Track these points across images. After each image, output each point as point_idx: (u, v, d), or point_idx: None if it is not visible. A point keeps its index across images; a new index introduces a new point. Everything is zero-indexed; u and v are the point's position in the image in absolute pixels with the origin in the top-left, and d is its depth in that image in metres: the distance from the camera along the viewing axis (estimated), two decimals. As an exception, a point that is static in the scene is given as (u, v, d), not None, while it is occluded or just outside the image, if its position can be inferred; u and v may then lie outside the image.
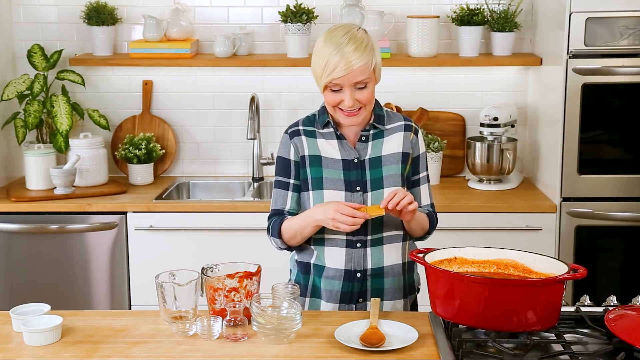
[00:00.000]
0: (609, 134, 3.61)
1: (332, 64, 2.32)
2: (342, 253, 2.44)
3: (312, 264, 2.49)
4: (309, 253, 2.50)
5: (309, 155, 2.46)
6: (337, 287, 2.46)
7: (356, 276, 2.44)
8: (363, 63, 2.33)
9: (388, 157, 2.46)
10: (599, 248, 3.70)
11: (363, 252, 2.43)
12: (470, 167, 3.95)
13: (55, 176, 3.75)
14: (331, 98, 2.39)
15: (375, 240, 2.44)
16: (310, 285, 2.51)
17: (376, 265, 2.44)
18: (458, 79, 4.12)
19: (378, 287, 2.46)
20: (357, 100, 2.37)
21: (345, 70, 2.32)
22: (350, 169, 2.44)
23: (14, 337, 2.21)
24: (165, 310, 2.26)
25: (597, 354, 2.01)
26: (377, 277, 2.45)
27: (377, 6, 4.03)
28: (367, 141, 2.47)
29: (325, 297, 2.48)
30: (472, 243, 2.46)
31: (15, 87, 3.88)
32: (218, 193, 4.12)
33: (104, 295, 3.73)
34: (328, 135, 2.48)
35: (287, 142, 2.50)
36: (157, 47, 3.98)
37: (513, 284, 2.08)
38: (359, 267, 2.44)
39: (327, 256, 2.46)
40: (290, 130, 2.52)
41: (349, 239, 2.43)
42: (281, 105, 4.14)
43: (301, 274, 2.53)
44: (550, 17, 3.74)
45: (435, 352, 2.08)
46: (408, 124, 2.52)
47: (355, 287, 2.45)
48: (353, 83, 2.34)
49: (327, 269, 2.46)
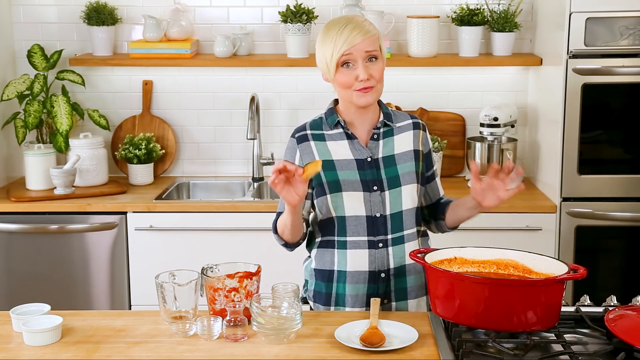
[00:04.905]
0: (609, 134, 3.61)
1: (341, 39, 2.33)
2: (364, 255, 2.42)
3: (335, 271, 2.46)
4: (329, 260, 2.47)
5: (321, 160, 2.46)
6: (362, 290, 2.44)
7: (380, 277, 2.43)
8: (370, 32, 2.35)
9: (401, 155, 2.46)
10: (599, 248, 3.70)
11: (385, 252, 2.42)
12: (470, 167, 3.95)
13: (55, 176, 3.76)
14: (345, 78, 2.36)
15: (396, 239, 2.43)
16: (334, 293, 2.47)
17: (398, 264, 2.43)
18: (458, 79, 4.12)
19: (401, 286, 2.45)
20: (371, 76, 2.36)
21: (355, 38, 2.32)
22: (364, 169, 2.43)
23: (14, 337, 2.21)
24: (165, 310, 2.26)
25: (597, 354, 2.01)
26: (400, 276, 2.44)
27: (377, 6, 4.03)
28: (378, 139, 2.46)
29: (350, 302, 2.45)
30: (472, 243, 2.45)
31: (15, 87, 3.88)
32: (218, 193, 4.12)
33: (104, 295, 3.73)
34: (337, 136, 2.46)
35: (294, 147, 2.48)
36: (157, 47, 3.98)
37: (513, 284, 2.08)
38: (383, 267, 2.43)
39: (349, 259, 2.43)
40: (297, 134, 2.49)
41: (370, 239, 2.42)
42: (281, 105, 4.14)
43: (322, 283, 2.49)
44: (550, 17, 3.74)
45: (435, 352, 2.08)
46: (416, 121, 2.53)
47: (381, 288, 2.44)
48: (365, 53, 2.34)
49: (351, 273, 2.44)
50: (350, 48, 2.33)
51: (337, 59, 2.34)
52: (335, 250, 2.46)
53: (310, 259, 2.55)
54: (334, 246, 2.46)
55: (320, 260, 2.49)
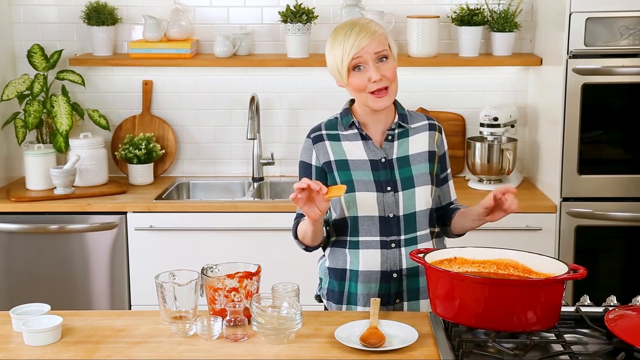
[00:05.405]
0: (609, 134, 3.61)
1: (349, 43, 2.35)
2: (377, 254, 2.43)
3: (347, 270, 2.47)
4: (342, 259, 2.48)
5: (335, 160, 2.45)
6: (374, 289, 2.44)
7: (392, 277, 2.44)
8: (377, 33, 2.36)
9: (416, 156, 2.46)
10: (599, 248, 3.70)
11: (398, 252, 2.43)
12: (470, 167, 3.95)
13: (55, 176, 3.76)
14: (358, 81, 2.38)
15: (409, 240, 2.44)
16: (346, 292, 2.48)
17: (411, 264, 2.43)
18: (458, 79, 4.12)
19: (414, 287, 2.45)
20: (384, 77, 2.36)
21: (363, 40, 2.33)
22: (379, 169, 2.43)
23: (14, 337, 2.21)
24: (165, 310, 2.26)
25: (597, 354, 2.01)
26: (413, 276, 2.45)
27: (377, 6, 4.03)
28: (393, 140, 2.47)
29: (362, 301, 2.46)
30: (472, 243, 2.45)
31: (15, 87, 3.88)
32: (218, 193, 4.12)
33: (104, 295, 3.73)
34: (352, 136, 2.47)
35: (310, 147, 2.49)
36: (157, 47, 3.98)
37: (513, 284, 2.08)
38: (395, 268, 2.43)
39: (362, 259, 2.44)
40: (313, 135, 2.50)
41: (383, 240, 2.43)
42: (281, 105, 4.14)
43: (335, 282, 2.50)
44: (550, 17, 3.74)
45: (435, 352, 2.08)
46: (432, 123, 2.53)
47: (392, 288, 2.44)
48: (374, 54, 2.35)
49: (363, 272, 2.44)
50: (359, 51, 2.34)
51: (348, 63, 2.36)
52: (347, 250, 2.47)
53: (324, 257, 2.57)
54: (346, 246, 2.47)
55: (333, 259, 2.51)
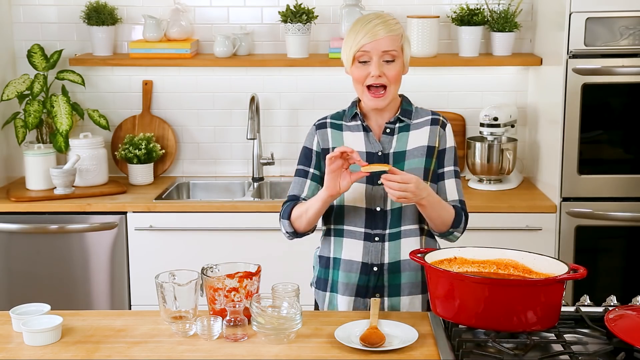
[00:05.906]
0: (609, 134, 3.61)
1: (361, 33, 2.37)
2: (359, 246, 2.45)
3: (331, 258, 2.50)
4: (328, 247, 2.52)
5: (332, 147, 2.47)
6: (353, 280, 2.46)
7: (373, 270, 2.45)
8: (394, 31, 2.38)
9: (412, 150, 2.46)
10: (599, 248, 3.70)
11: (381, 246, 2.44)
12: (470, 167, 3.95)
13: (55, 176, 3.75)
14: (359, 72, 2.40)
15: (394, 235, 2.45)
16: (330, 279, 2.52)
17: (393, 259, 2.44)
18: (458, 79, 4.12)
19: (395, 282, 2.46)
20: (384, 75, 2.37)
21: (378, 33, 2.35)
22: (373, 162, 2.43)
23: (14, 337, 2.22)
24: (165, 310, 2.26)
25: (597, 354, 2.01)
26: (394, 272, 2.45)
27: (377, 6, 4.03)
28: (392, 134, 2.47)
29: (341, 290, 2.48)
30: (472, 243, 2.45)
31: (15, 87, 3.88)
32: (218, 193, 4.12)
33: (104, 295, 3.73)
34: (354, 127, 2.50)
35: (312, 133, 2.54)
36: (157, 47, 3.98)
37: (513, 284, 2.08)
38: (376, 261, 2.44)
39: (344, 248, 2.47)
40: (317, 122, 2.55)
41: (367, 232, 2.44)
42: (281, 106, 4.14)
43: (322, 269, 2.54)
44: (550, 17, 3.74)
45: (435, 352, 2.08)
46: (435, 117, 2.52)
47: (372, 281, 2.45)
48: (381, 52, 2.36)
49: (344, 261, 2.47)
50: (370, 42, 2.36)
51: (355, 51, 2.38)
52: (332, 238, 2.50)
53: (319, 247, 2.59)
54: (332, 234, 2.50)
55: (323, 247, 2.55)
